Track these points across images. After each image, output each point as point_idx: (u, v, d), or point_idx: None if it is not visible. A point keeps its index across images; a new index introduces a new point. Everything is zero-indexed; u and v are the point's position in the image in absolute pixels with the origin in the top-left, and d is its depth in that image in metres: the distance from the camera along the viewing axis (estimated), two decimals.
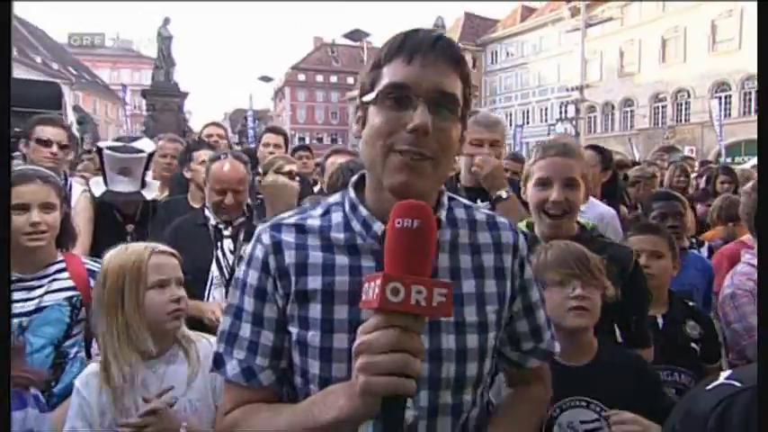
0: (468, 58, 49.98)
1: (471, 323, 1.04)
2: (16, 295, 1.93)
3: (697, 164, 9.42)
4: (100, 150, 3.23)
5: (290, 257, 1.04)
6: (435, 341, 1.00)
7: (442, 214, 1.06)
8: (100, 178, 3.19)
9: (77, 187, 3.05)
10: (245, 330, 1.05)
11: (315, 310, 1.01)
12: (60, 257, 2.09)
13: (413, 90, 0.95)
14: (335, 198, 1.12)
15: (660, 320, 2.15)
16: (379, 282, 0.78)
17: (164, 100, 18.78)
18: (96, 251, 2.91)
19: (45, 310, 1.95)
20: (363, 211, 1.05)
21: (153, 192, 3.30)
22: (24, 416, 1.38)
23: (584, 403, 1.59)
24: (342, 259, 1.03)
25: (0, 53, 0.79)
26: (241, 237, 2.74)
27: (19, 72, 40.37)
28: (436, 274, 1.01)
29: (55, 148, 3.04)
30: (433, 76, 0.96)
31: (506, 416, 1.16)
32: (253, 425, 1.01)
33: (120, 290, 1.66)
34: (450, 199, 1.13)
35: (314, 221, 1.08)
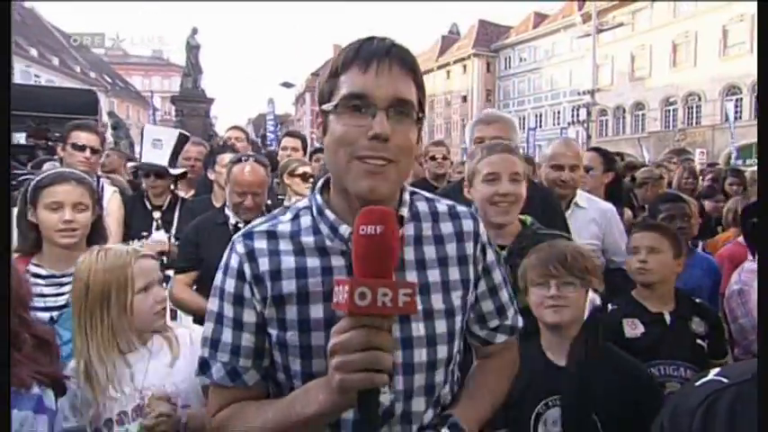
0: (483, 63, 50.55)
1: (439, 310, 1.07)
2: (48, 290, 1.95)
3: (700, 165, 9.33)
4: (142, 132, 3.43)
5: (263, 265, 1.05)
6: (406, 330, 1.04)
7: (404, 211, 1.08)
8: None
9: (108, 189, 3.13)
10: (227, 335, 1.07)
11: (291, 312, 1.03)
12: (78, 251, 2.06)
13: (371, 99, 0.96)
14: (304, 203, 1.14)
15: (668, 317, 2.13)
16: (347, 287, 0.80)
17: (191, 106, 18.94)
18: (128, 236, 3.09)
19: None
20: (330, 214, 1.06)
21: (179, 170, 3.44)
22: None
23: (545, 405, 1.65)
24: (313, 261, 1.04)
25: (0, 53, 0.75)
26: None
27: (60, 80, 41.25)
28: (403, 267, 1.06)
29: (88, 153, 3.11)
30: (389, 83, 0.97)
31: (469, 389, 1.20)
32: (241, 420, 1.03)
33: (107, 295, 1.62)
34: (413, 194, 1.15)
35: (284, 227, 1.09)
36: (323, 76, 1.06)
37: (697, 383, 0.99)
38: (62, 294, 1.95)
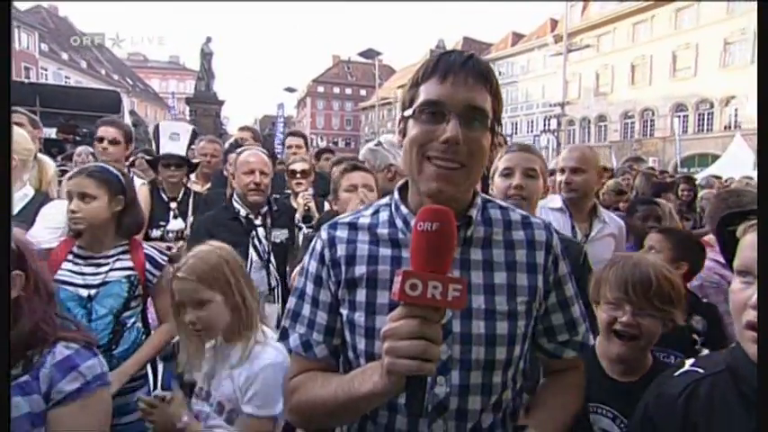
0: None
1: (502, 311, 1.00)
2: (86, 270, 1.95)
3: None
4: (156, 128, 3.37)
5: (341, 250, 1.04)
6: (466, 326, 0.97)
7: (474, 213, 1.03)
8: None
9: (137, 180, 3.08)
10: (306, 310, 1.07)
11: (361, 295, 1.01)
12: (125, 242, 2.06)
13: (445, 105, 0.93)
14: (385, 200, 1.11)
15: None
16: (400, 277, 0.77)
17: (204, 107, 18.85)
18: (151, 223, 3.02)
19: (108, 284, 1.95)
20: (404, 209, 1.04)
21: (196, 159, 3.41)
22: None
23: (611, 415, 1.38)
24: (385, 251, 1.02)
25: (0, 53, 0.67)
26: (268, 223, 2.73)
27: (87, 81, 40.46)
28: (469, 266, 1.00)
29: (105, 143, 3.10)
30: (464, 92, 0.93)
31: (543, 403, 1.09)
32: (308, 388, 1.02)
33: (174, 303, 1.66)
34: (487, 201, 1.10)
35: (364, 219, 1.08)
36: (406, 86, 1.02)
37: (676, 374, 1.00)
38: (98, 274, 1.95)
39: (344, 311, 1.03)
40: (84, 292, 1.90)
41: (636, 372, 1.42)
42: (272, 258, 2.68)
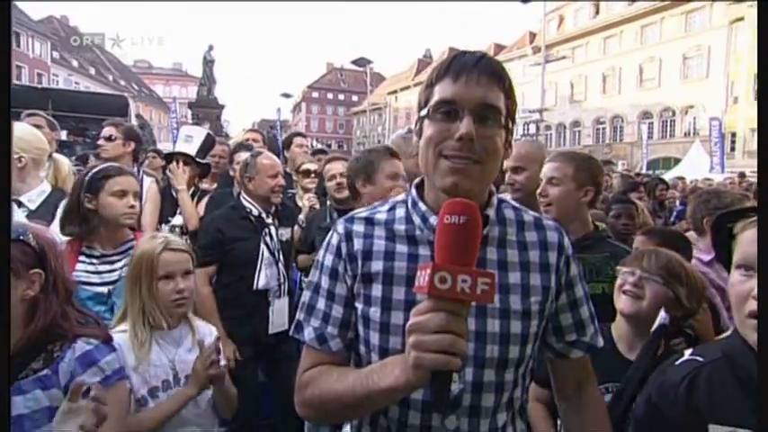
0: None
1: (516, 311, 0.94)
2: (102, 267, 1.90)
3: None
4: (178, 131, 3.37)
5: (358, 245, 0.98)
6: (481, 324, 0.92)
7: (491, 212, 0.97)
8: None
9: (147, 179, 3.03)
10: (321, 303, 1.00)
11: (377, 290, 0.95)
12: (131, 236, 2.01)
13: (459, 104, 0.88)
14: (402, 196, 1.06)
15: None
16: (428, 271, 0.72)
17: (205, 111, 18.68)
18: (160, 219, 2.99)
19: (123, 279, 1.83)
20: (422, 206, 0.98)
21: (203, 160, 3.36)
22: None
23: (604, 389, 1.39)
24: (402, 247, 0.97)
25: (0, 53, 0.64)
26: (277, 222, 2.70)
27: (95, 87, 40.01)
28: (485, 265, 0.94)
29: (101, 141, 3.07)
30: (477, 91, 0.88)
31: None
32: (323, 382, 0.96)
33: (139, 276, 1.59)
34: (501, 201, 1.03)
35: (381, 215, 1.02)
36: (421, 87, 0.98)
37: (677, 362, 0.99)
38: (114, 271, 1.92)
39: (359, 305, 0.97)
40: (103, 290, 1.87)
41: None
42: (281, 255, 2.67)
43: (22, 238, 1.17)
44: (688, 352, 0.99)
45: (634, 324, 1.48)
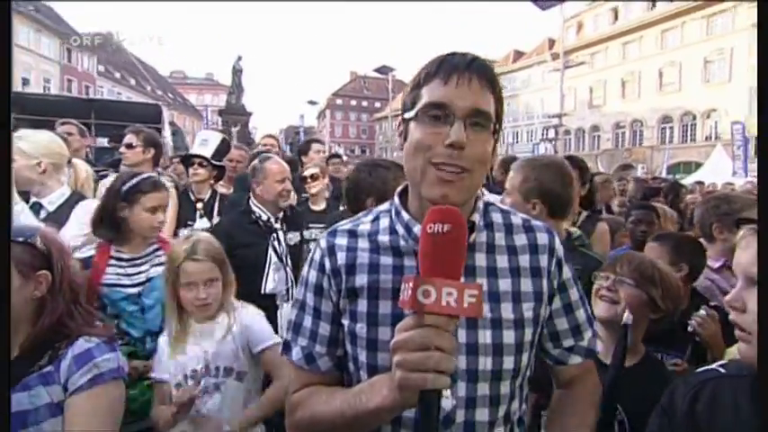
0: None
1: (508, 319, 0.87)
2: (131, 270, 1.92)
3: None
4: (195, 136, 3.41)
5: (341, 259, 0.91)
6: (472, 336, 0.85)
7: (476, 218, 0.90)
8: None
9: (166, 183, 3.04)
10: (307, 321, 0.94)
11: (362, 305, 0.89)
12: (154, 240, 2.03)
13: (449, 108, 0.81)
14: (385, 206, 0.98)
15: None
16: (411, 284, 0.66)
17: (234, 118, 18.94)
18: (178, 222, 2.97)
19: (152, 279, 1.93)
20: (405, 215, 0.91)
21: (219, 163, 3.39)
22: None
23: None
24: (386, 259, 0.90)
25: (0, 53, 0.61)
26: (285, 227, 2.67)
27: (135, 97, 41.78)
28: (473, 273, 0.87)
29: (123, 149, 3.08)
30: (468, 95, 0.81)
31: (557, 424, 0.97)
32: (312, 404, 0.90)
33: (167, 279, 1.67)
34: (488, 204, 0.97)
35: (364, 226, 0.95)
36: (407, 88, 0.90)
37: (698, 370, 0.92)
38: (141, 273, 1.94)
39: (346, 322, 0.91)
40: (133, 291, 1.90)
41: (631, 358, 1.38)
42: (288, 260, 2.64)
43: (29, 240, 1.18)
44: (717, 363, 0.91)
45: (612, 329, 1.41)
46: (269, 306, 2.53)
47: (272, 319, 2.53)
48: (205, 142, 3.27)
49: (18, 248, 1.14)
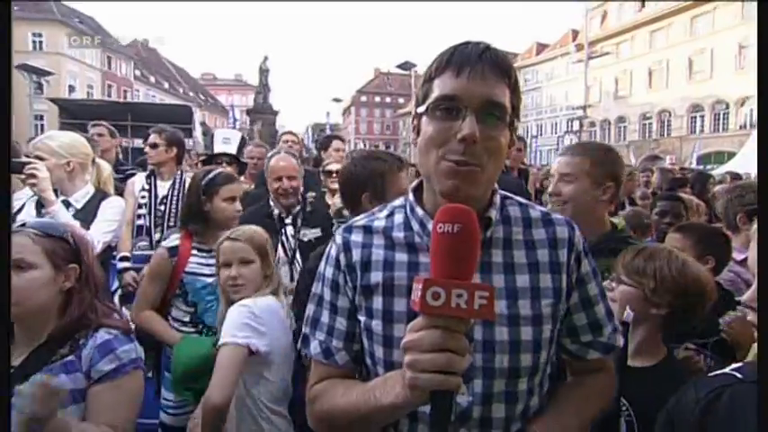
0: None
1: (525, 316, 0.84)
2: (211, 261, 1.90)
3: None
4: (212, 136, 3.45)
5: (356, 255, 0.90)
6: (489, 333, 0.82)
7: (493, 213, 0.86)
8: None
9: (189, 180, 2.98)
10: (325, 316, 0.93)
11: (377, 302, 0.87)
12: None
13: (461, 101, 0.77)
14: (400, 201, 0.96)
15: None
16: (421, 286, 0.64)
17: (262, 117, 19.24)
18: None
19: None
20: (420, 211, 0.88)
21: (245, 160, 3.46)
22: None
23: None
24: (401, 256, 0.88)
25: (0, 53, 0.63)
26: (299, 223, 2.62)
27: (169, 99, 43.26)
28: (490, 270, 0.84)
29: (147, 148, 3.16)
30: (481, 87, 0.78)
31: (556, 408, 0.90)
32: (330, 397, 0.89)
33: (216, 264, 1.79)
34: (505, 198, 0.92)
35: (379, 222, 0.93)
36: (420, 80, 0.87)
37: (711, 375, 0.83)
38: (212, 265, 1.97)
39: (362, 318, 0.89)
40: (212, 280, 1.95)
41: (645, 358, 1.31)
42: (298, 256, 2.56)
43: (63, 236, 1.24)
44: (731, 366, 0.81)
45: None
46: None
47: None
48: (227, 140, 3.33)
49: (52, 242, 1.21)
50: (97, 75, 39.59)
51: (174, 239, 2.10)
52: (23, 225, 1.24)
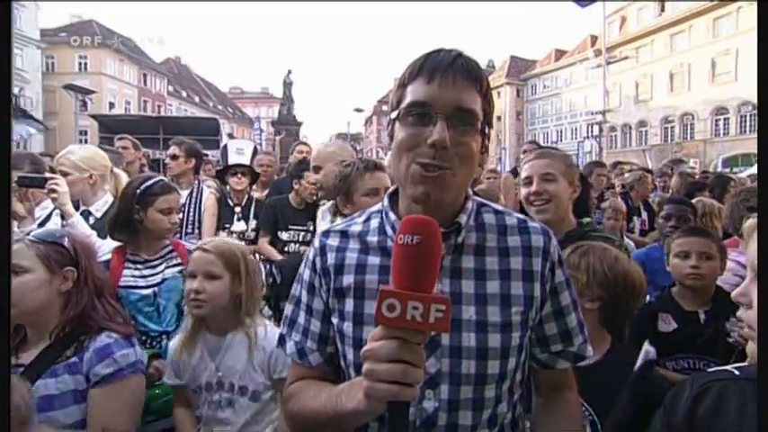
0: (514, 90, 48.69)
1: (494, 323, 0.82)
2: (146, 272, 1.90)
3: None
4: (225, 146, 3.53)
5: (331, 259, 0.90)
6: (456, 339, 0.81)
7: (463, 218, 0.85)
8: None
9: (206, 190, 3.14)
10: (301, 318, 0.93)
11: (349, 305, 0.86)
12: (168, 242, 2.00)
13: (432, 107, 0.77)
14: (377, 206, 0.95)
15: (702, 315, 1.71)
16: (378, 297, 0.63)
17: (286, 128, 19.58)
18: (218, 227, 3.08)
19: (166, 281, 1.91)
20: (392, 216, 0.88)
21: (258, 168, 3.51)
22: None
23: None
24: (374, 259, 0.87)
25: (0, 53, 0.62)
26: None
27: (199, 112, 44.72)
28: (460, 275, 0.83)
29: (167, 160, 3.21)
30: (452, 93, 0.77)
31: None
32: (301, 398, 0.89)
33: (186, 274, 1.61)
34: (482, 205, 0.91)
35: (356, 227, 0.93)
36: (394, 86, 0.87)
37: (710, 370, 0.82)
38: (156, 274, 1.92)
39: (335, 320, 0.89)
40: (148, 292, 1.88)
41: (595, 353, 1.26)
42: None
43: (58, 241, 1.28)
44: (733, 365, 0.79)
45: None
46: None
47: None
48: (241, 151, 3.39)
49: (48, 248, 1.25)
50: (134, 91, 41.32)
51: (106, 254, 1.92)
52: (27, 234, 1.29)
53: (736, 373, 0.77)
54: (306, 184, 3.17)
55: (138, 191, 1.92)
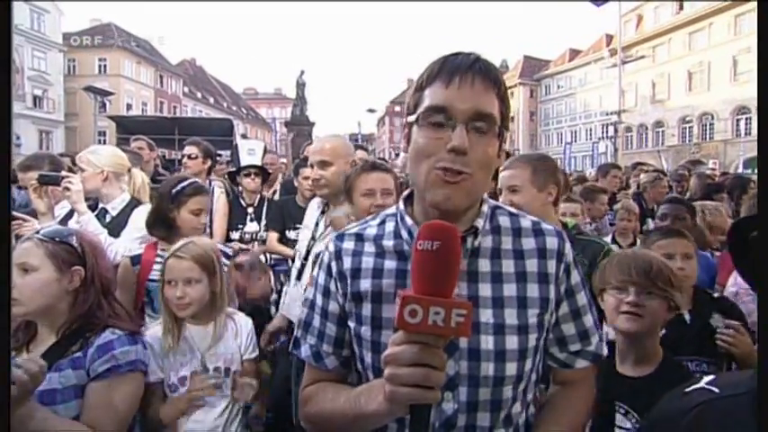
0: (527, 90, 48.23)
1: (511, 325, 0.83)
2: None
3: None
4: (236, 147, 3.58)
5: (347, 263, 0.90)
6: (474, 341, 0.81)
7: (480, 222, 0.85)
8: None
9: (217, 190, 3.17)
10: (316, 321, 0.94)
11: (366, 309, 0.87)
12: None
13: (451, 112, 0.77)
14: (392, 209, 0.95)
15: (687, 316, 1.70)
16: (399, 301, 0.64)
17: (299, 128, 19.48)
18: (229, 227, 3.13)
19: None
20: (409, 220, 0.88)
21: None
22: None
23: (623, 410, 1.28)
24: (390, 263, 0.87)
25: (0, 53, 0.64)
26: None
27: (213, 113, 45.36)
28: (477, 279, 0.84)
29: (185, 159, 3.29)
30: (470, 97, 0.77)
31: (549, 415, 0.91)
32: (320, 400, 0.90)
33: (160, 277, 1.65)
34: (496, 207, 0.92)
35: (371, 230, 0.93)
36: (410, 89, 0.87)
37: (686, 390, 0.76)
38: None
39: (352, 324, 0.89)
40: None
41: (645, 365, 1.32)
42: None
43: (67, 240, 1.29)
44: (705, 380, 0.74)
45: (633, 339, 1.35)
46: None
47: None
48: (252, 152, 3.40)
49: (56, 246, 1.26)
50: (150, 92, 42.09)
51: (138, 248, 2.05)
52: (37, 233, 1.30)
53: (716, 390, 0.70)
54: (301, 180, 3.12)
55: (174, 191, 2.03)
